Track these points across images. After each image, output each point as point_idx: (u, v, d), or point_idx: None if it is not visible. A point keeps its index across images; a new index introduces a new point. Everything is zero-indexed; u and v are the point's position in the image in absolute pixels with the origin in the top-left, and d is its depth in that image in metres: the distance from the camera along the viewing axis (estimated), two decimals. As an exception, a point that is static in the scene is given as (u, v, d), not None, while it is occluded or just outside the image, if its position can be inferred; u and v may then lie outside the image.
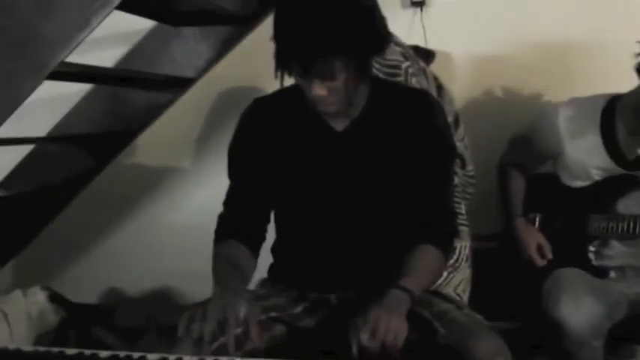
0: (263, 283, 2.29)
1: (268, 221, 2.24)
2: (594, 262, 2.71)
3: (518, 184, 2.94)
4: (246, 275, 2.09)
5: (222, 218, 2.22)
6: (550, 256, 2.80)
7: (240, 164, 2.22)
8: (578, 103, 2.73)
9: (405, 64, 2.66)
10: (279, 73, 1.98)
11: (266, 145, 2.16)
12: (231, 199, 2.22)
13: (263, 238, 2.22)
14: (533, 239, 2.84)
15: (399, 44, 2.71)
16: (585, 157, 2.71)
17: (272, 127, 2.16)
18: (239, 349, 1.82)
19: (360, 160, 2.12)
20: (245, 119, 2.22)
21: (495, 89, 3.33)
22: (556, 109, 2.76)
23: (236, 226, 2.18)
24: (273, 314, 2.11)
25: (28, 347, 1.93)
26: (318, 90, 1.97)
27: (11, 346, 1.91)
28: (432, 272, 2.10)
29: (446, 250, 2.14)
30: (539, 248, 2.82)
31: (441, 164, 2.17)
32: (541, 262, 2.80)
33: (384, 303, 1.89)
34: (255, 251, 2.18)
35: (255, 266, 2.17)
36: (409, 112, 2.14)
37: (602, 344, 2.49)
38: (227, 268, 2.05)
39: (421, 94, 2.34)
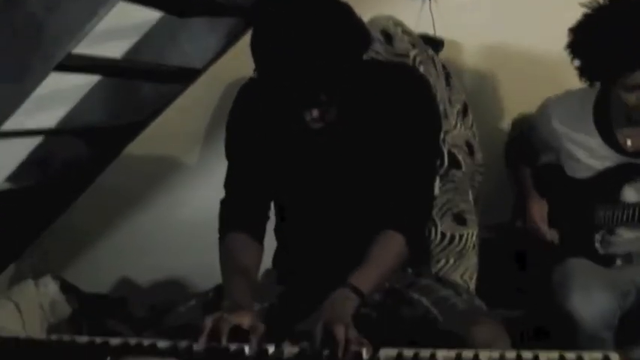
0: (267, 273, 2.30)
1: (271, 199, 2.22)
2: (600, 252, 2.70)
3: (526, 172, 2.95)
4: (253, 275, 2.09)
5: (224, 204, 2.21)
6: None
7: (236, 143, 2.20)
8: (571, 95, 2.73)
9: (413, 53, 2.67)
10: None
11: (259, 125, 2.14)
12: (230, 181, 2.21)
13: (266, 218, 2.21)
14: (541, 211, 2.85)
15: (407, 33, 2.72)
16: (584, 149, 2.71)
17: (263, 107, 2.12)
18: None
19: (344, 141, 2.08)
20: (239, 98, 2.21)
21: (504, 78, 3.32)
22: (551, 105, 2.77)
23: (238, 212, 2.17)
24: (274, 302, 2.14)
25: (40, 336, 1.95)
26: (312, 115, 1.95)
27: (23, 336, 1.93)
28: (390, 264, 2.02)
29: (412, 236, 2.05)
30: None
31: (421, 140, 2.09)
32: (549, 234, 2.81)
33: (330, 303, 1.86)
34: (259, 237, 2.17)
35: (261, 252, 2.17)
36: (391, 86, 2.08)
37: (612, 334, 2.49)
38: (234, 275, 2.04)
39: (404, 67, 2.29)
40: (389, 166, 2.07)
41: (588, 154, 2.70)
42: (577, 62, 2.57)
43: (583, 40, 2.53)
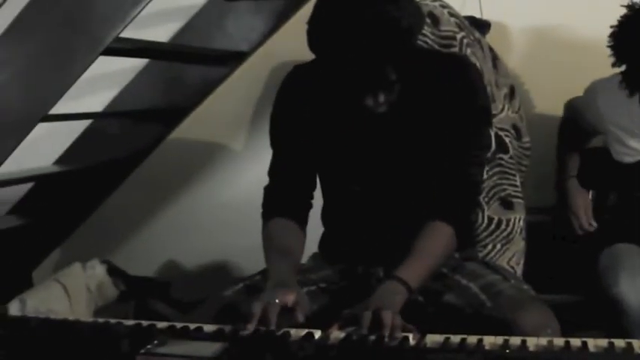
0: (314, 257, 2.30)
1: (314, 188, 2.23)
2: (650, 237, 2.67)
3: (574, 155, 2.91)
4: (296, 257, 2.10)
5: (267, 191, 2.22)
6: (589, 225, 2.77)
7: (281, 131, 2.21)
8: (617, 79, 2.65)
9: (460, 35, 2.64)
10: None
11: (306, 112, 2.14)
12: (274, 169, 2.21)
13: (310, 206, 2.22)
14: (583, 202, 2.79)
15: (454, 15, 2.70)
16: (630, 134, 2.65)
17: (311, 94, 2.13)
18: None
19: (398, 128, 2.08)
20: (285, 86, 2.21)
21: (551, 61, 3.28)
22: (597, 89, 2.70)
23: (282, 199, 2.18)
24: (322, 285, 2.14)
25: (87, 319, 1.96)
26: (378, 100, 1.97)
27: (71, 318, 1.95)
28: (438, 256, 2.02)
29: (460, 226, 2.05)
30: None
31: (469, 126, 2.08)
32: (587, 225, 2.76)
33: (378, 294, 1.86)
34: (303, 222, 2.18)
35: (304, 238, 2.18)
36: (441, 74, 2.07)
37: None
38: (277, 256, 2.05)
39: (454, 56, 2.28)
40: (438, 154, 2.07)
41: (635, 138, 2.66)
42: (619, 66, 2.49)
43: (620, 48, 2.45)
